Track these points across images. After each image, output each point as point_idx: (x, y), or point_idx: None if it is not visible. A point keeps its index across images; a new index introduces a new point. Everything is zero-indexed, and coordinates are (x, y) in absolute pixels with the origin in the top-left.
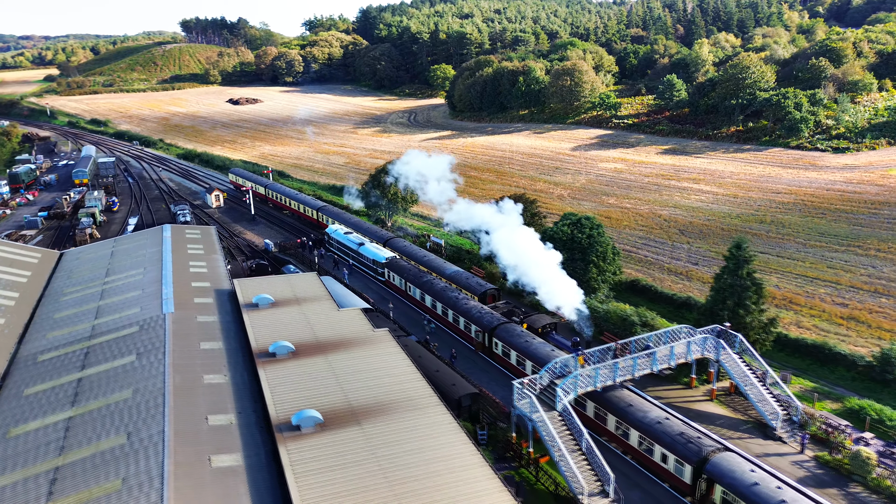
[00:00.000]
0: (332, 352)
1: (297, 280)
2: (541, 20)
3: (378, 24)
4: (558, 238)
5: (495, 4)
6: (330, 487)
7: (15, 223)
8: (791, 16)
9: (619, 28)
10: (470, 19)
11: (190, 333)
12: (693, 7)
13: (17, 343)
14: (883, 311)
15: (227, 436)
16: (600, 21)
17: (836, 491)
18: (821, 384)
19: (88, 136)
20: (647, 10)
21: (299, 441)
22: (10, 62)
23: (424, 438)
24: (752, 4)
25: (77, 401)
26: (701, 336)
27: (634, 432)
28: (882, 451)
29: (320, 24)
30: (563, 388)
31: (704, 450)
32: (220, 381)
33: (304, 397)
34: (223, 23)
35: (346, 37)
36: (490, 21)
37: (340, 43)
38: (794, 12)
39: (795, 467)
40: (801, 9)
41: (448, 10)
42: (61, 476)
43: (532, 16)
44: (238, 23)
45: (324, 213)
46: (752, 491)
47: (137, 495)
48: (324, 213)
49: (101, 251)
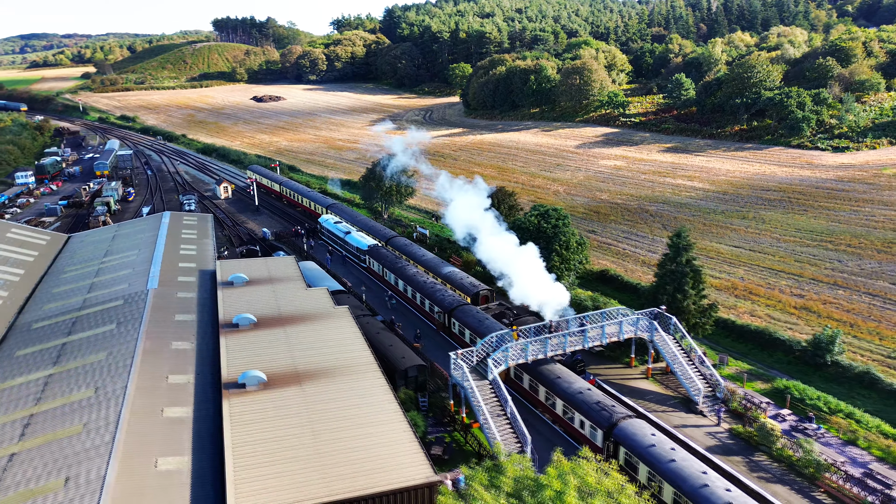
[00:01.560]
0: (291, 325)
1: (275, 262)
2: (561, 19)
3: (401, 24)
4: (525, 228)
5: (517, 3)
6: (259, 434)
7: (37, 211)
8: (819, 15)
9: (639, 27)
10: (490, 18)
11: (167, 307)
12: (717, 6)
13: (17, 313)
14: (836, 301)
15: (182, 392)
16: (621, 20)
17: (740, 458)
18: (758, 367)
19: (116, 131)
20: (671, 8)
21: (242, 397)
22: (52, 60)
23: (355, 397)
24: (777, 3)
25: (58, 361)
26: (634, 317)
27: (560, 401)
28: (794, 425)
29: (347, 24)
30: (494, 360)
31: (615, 416)
32: (186, 348)
33: (255, 361)
34: (252, 22)
35: (370, 36)
36: (511, 20)
37: (363, 42)
38: (822, 11)
39: (709, 437)
40: (830, 7)
41: (469, 10)
42: (34, 422)
43: (553, 15)
44: (267, 22)
45: (332, 211)
46: (648, 451)
47: (94, 437)
48: (332, 211)
49: (104, 235)
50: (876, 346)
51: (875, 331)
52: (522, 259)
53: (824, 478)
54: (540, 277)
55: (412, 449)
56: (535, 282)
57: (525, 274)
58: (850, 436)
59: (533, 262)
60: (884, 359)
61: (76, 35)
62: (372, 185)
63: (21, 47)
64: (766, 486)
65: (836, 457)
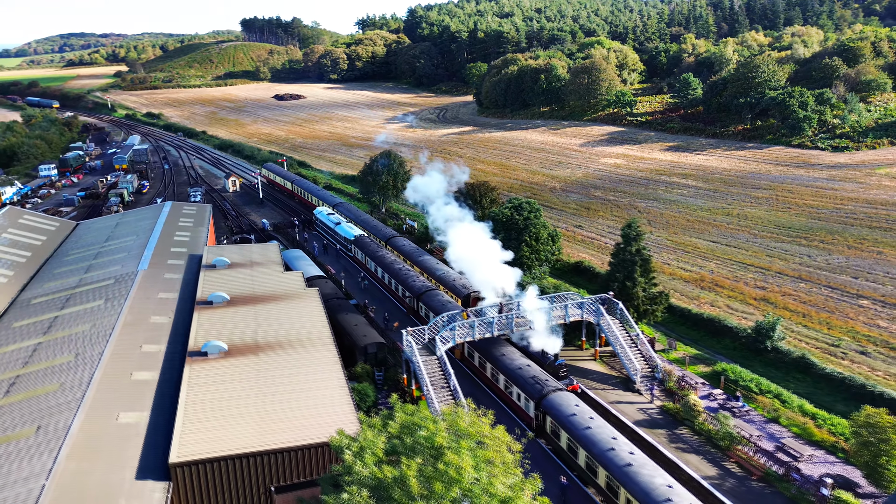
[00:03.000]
0: (262, 303)
1: (259, 249)
2: (580, 19)
3: (422, 24)
4: (498, 219)
5: (537, 3)
6: (212, 394)
7: (56, 201)
8: (844, 14)
9: (659, 27)
10: (509, 18)
11: (153, 286)
12: (740, 5)
13: (20, 290)
14: (796, 294)
15: (152, 359)
16: (640, 20)
17: (664, 431)
18: (705, 352)
19: (140, 128)
20: (692, 7)
21: (203, 363)
22: (87, 59)
23: (304, 366)
24: (801, 2)
25: (48, 331)
26: (580, 301)
27: (502, 377)
28: (722, 403)
29: (372, 23)
30: (441, 338)
31: (545, 389)
32: (164, 321)
33: (221, 334)
34: (278, 22)
35: (391, 35)
36: (529, 20)
37: (384, 42)
38: (848, 11)
39: (640, 413)
40: (857, 6)
41: (489, 9)
42: (19, 381)
43: (572, 14)
44: (292, 22)
45: (338, 209)
46: (569, 420)
47: (67, 394)
48: (338, 209)
49: (109, 222)
50: (822, 335)
51: (826, 321)
52: (476, 245)
53: (735, 449)
54: (489, 261)
55: (346, 410)
56: (484, 266)
57: (476, 259)
58: (773, 414)
59: (485, 248)
60: (827, 346)
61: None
62: (369, 180)
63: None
64: (680, 455)
65: (754, 431)
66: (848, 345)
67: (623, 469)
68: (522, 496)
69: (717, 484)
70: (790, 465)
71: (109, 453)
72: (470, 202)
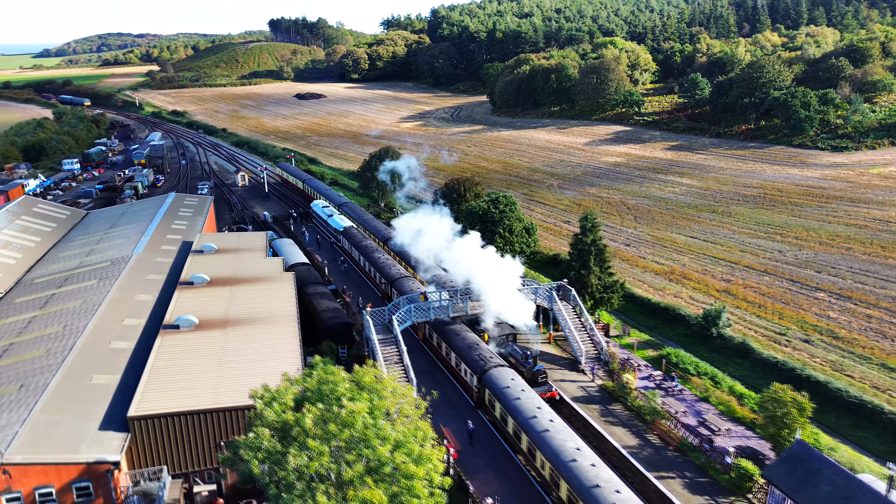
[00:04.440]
0: (239, 284)
1: (246, 237)
2: (600, 19)
3: (443, 24)
4: (475, 212)
5: (556, 3)
6: (176, 361)
7: (76, 193)
8: (871, 14)
9: (678, 27)
10: (529, 18)
11: (144, 268)
12: (763, 4)
13: (26, 271)
14: (758, 286)
15: (131, 331)
16: (659, 20)
17: (598, 406)
18: (657, 337)
19: (164, 125)
20: (713, 7)
21: (174, 335)
22: (122, 58)
23: (265, 339)
24: (826, 2)
25: (44, 306)
26: (535, 287)
27: (453, 354)
28: (658, 383)
29: (397, 24)
30: (398, 318)
31: (487, 365)
32: (147, 299)
33: (196, 310)
34: (304, 22)
35: (412, 36)
36: (548, 20)
37: (405, 42)
38: (875, 10)
39: (581, 390)
40: (885, 6)
41: (508, 10)
42: (12, 348)
43: (591, 14)
44: (318, 22)
45: (343, 209)
46: (502, 391)
47: (50, 359)
48: (343, 209)
49: (116, 212)
50: (773, 325)
51: (779, 311)
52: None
53: (658, 423)
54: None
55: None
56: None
57: (425, 244)
58: (704, 393)
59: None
60: (774, 335)
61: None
62: (368, 176)
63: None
64: (606, 427)
65: (680, 408)
66: (794, 333)
67: (541, 434)
68: (414, 441)
69: (636, 452)
70: (703, 437)
71: (79, 408)
72: (454, 196)
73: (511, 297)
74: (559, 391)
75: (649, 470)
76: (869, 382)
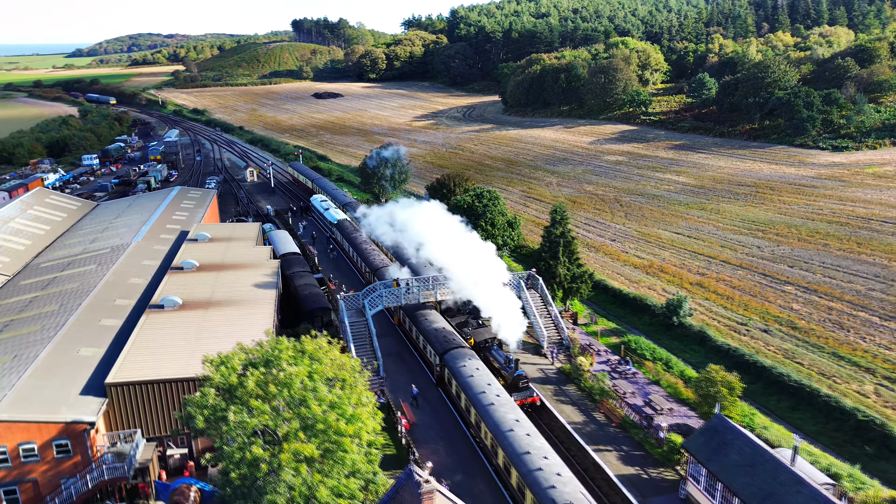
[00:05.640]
0: (225, 270)
1: (241, 227)
2: (616, 19)
3: (460, 24)
4: (460, 206)
5: (574, 3)
6: (157, 337)
7: (93, 187)
8: (894, 14)
9: (696, 27)
10: (545, 18)
11: (140, 255)
12: (783, 4)
13: (34, 257)
14: (730, 280)
15: (121, 310)
16: (676, 20)
17: (553, 386)
18: (623, 326)
19: (184, 123)
20: (731, 7)
21: (158, 314)
22: (150, 58)
23: (242, 319)
24: (847, 2)
25: (46, 288)
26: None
27: (420, 337)
28: (614, 366)
29: (418, 24)
30: (369, 303)
31: (449, 345)
32: (140, 282)
33: (182, 293)
34: (325, 23)
35: (430, 36)
36: (565, 20)
37: (423, 42)
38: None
39: (540, 372)
40: None
41: (525, 10)
42: (12, 324)
43: (608, 14)
44: (339, 23)
45: (348, 209)
46: (459, 369)
47: (43, 333)
48: (348, 209)
49: (124, 203)
50: (737, 315)
51: (746, 303)
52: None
53: (605, 402)
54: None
55: None
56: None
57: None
58: (656, 377)
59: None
60: (736, 325)
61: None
62: (368, 171)
63: (129, 46)
64: (557, 405)
65: (629, 389)
66: (755, 324)
67: (486, 407)
68: (349, 403)
69: (579, 428)
70: (644, 415)
71: (64, 376)
72: (444, 191)
73: (485, 284)
74: (540, 397)
75: (589, 444)
76: (816, 369)
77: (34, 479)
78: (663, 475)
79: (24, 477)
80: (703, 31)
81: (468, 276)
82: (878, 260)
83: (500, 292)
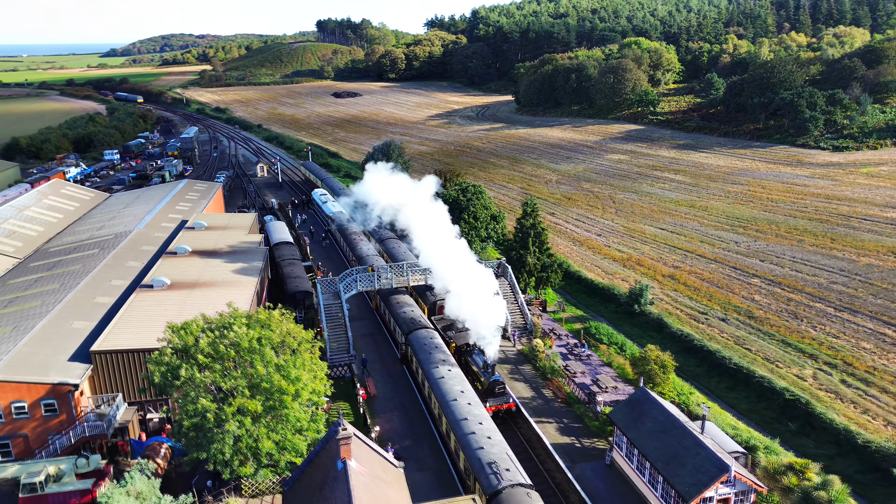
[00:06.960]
0: (216, 256)
1: (237, 217)
2: (635, 19)
3: (480, 25)
4: (446, 199)
5: (593, 4)
6: (143, 312)
7: (111, 181)
8: None
9: (715, 27)
10: (563, 19)
11: (141, 241)
12: (805, 4)
13: (45, 242)
14: (700, 272)
15: (115, 290)
16: (696, 20)
17: (511, 366)
18: (588, 312)
19: (206, 121)
20: (752, 7)
21: (147, 292)
22: (180, 58)
23: (223, 298)
24: (871, 2)
25: (51, 269)
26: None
27: (391, 319)
28: (570, 349)
29: (440, 24)
30: (343, 287)
31: (414, 326)
32: (136, 265)
33: (173, 274)
34: (348, 23)
35: (449, 36)
36: (583, 20)
37: (442, 42)
38: None
39: (501, 353)
40: None
41: (544, 10)
42: (17, 300)
43: (627, 14)
44: (361, 23)
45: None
46: (420, 347)
47: (42, 309)
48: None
49: (134, 194)
50: (700, 305)
51: (711, 294)
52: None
53: (554, 380)
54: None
55: None
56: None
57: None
58: (608, 358)
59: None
60: (697, 314)
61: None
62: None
63: (161, 46)
64: (510, 382)
65: (579, 369)
66: (715, 313)
67: (437, 380)
68: (294, 367)
69: (526, 403)
70: (588, 392)
71: (56, 345)
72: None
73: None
74: (517, 403)
75: (533, 416)
76: (763, 355)
77: (25, 435)
78: (596, 445)
79: (16, 432)
80: (721, 32)
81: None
82: (847, 255)
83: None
